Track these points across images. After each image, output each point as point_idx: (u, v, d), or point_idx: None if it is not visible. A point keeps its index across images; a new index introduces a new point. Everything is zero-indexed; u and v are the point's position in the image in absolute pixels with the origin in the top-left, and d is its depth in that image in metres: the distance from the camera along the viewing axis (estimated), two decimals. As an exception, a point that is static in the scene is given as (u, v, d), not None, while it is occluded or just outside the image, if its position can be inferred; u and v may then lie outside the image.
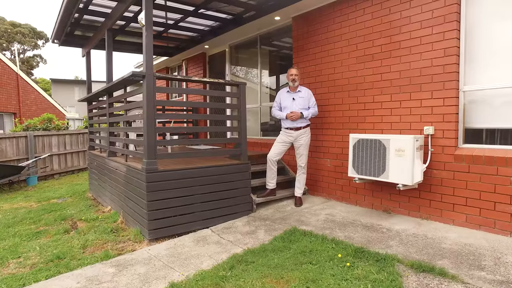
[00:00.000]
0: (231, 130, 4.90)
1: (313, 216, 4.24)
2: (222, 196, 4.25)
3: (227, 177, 4.29)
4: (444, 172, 3.64)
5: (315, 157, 5.18)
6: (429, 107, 3.72)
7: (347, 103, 4.63)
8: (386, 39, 4.11)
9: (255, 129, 6.80)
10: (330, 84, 4.87)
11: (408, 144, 3.50)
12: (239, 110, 4.43)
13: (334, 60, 4.78)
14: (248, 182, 4.51)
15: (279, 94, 4.81)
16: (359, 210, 4.42)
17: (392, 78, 4.07)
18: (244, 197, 4.46)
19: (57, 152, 9.78)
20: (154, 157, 3.75)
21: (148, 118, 3.68)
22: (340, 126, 4.75)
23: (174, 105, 4.33)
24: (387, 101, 4.14)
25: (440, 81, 3.60)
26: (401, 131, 4.00)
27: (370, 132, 4.34)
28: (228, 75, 7.54)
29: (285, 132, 4.72)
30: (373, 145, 3.83)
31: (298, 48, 5.38)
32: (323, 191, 5.08)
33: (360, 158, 3.98)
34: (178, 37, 7.17)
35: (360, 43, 4.41)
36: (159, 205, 3.75)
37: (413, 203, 3.94)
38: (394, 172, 3.63)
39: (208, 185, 4.14)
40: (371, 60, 4.29)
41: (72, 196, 6.77)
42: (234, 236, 3.68)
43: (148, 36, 3.66)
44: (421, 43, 3.75)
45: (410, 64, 3.87)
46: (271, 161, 4.69)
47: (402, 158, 3.55)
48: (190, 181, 3.99)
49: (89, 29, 6.15)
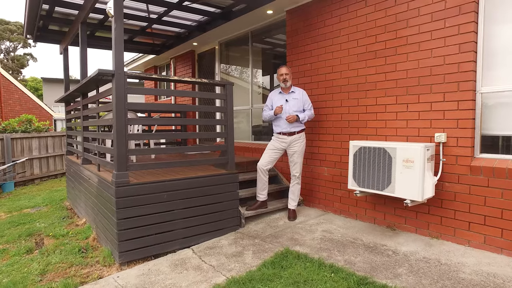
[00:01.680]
0: (217, 136, 4.40)
1: (308, 233, 3.76)
2: (206, 210, 3.76)
3: (211, 189, 3.80)
4: (458, 185, 3.18)
5: (310, 165, 4.70)
6: (441, 111, 3.26)
7: (347, 105, 4.16)
8: (391, 33, 3.64)
9: (246, 133, 6.32)
10: (327, 84, 4.39)
11: (418, 154, 3.03)
12: (226, 114, 3.94)
13: (332, 57, 4.31)
14: (236, 194, 4.02)
15: (271, 95, 4.33)
16: (359, 225, 3.95)
17: (397, 77, 3.60)
18: (231, 211, 3.97)
19: (37, 155, 9.21)
20: (125, 168, 3.25)
21: (118, 123, 3.18)
22: (338, 131, 4.28)
23: (154, 108, 3.86)
24: (392, 104, 3.67)
25: (454, 81, 3.14)
26: (408, 138, 3.53)
27: (372, 139, 3.88)
28: (218, 74, 7.05)
29: (277, 138, 4.24)
30: (376, 154, 3.36)
31: (292, 45, 4.90)
32: (320, 202, 4.61)
33: (362, 168, 3.51)
34: (164, 33, 6.66)
35: (361, 38, 3.94)
36: (132, 223, 3.26)
37: (422, 219, 3.48)
38: (401, 185, 3.16)
39: (190, 198, 3.65)
40: (374, 57, 3.82)
41: (48, 205, 6.24)
42: (217, 259, 3.19)
43: (118, 29, 3.16)
44: (432, 38, 3.29)
45: (418, 62, 3.41)
46: (262, 170, 4.21)
47: (410, 170, 3.08)
48: (169, 195, 3.50)
49: (65, 23, 5.62)
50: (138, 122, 3.81)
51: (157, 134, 3.33)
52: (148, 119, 3.90)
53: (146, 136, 3.71)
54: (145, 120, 3.96)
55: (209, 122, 3.78)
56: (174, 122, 3.63)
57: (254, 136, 6.12)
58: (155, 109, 3.48)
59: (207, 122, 4.06)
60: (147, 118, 3.89)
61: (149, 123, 4.43)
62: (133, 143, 4.65)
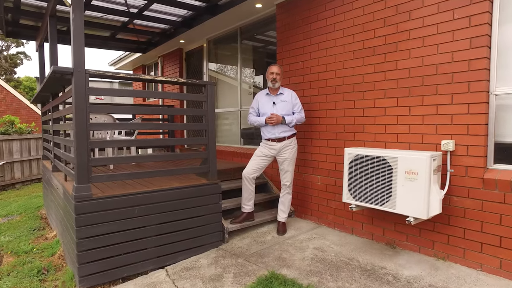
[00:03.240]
0: (195, 142, 3.99)
1: (298, 251, 3.35)
2: (184, 225, 3.35)
3: (190, 202, 3.39)
4: (468, 200, 2.78)
5: (302, 173, 4.29)
6: (448, 115, 2.86)
7: (342, 107, 3.75)
8: (391, 27, 3.24)
9: (234, 137, 5.91)
10: (320, 84, 3.99)
11: (423, 164, 2.62)
12: (206, 117, 3.53)
13: (325, 55, 3.91)
14: (218, 206, 3.60)
15: (257, 97, 3.92)
16: (355, 241, 3.55)
17: (398, 77, 3.20)
18: (213, 225, 3.56)
19: (18, 158, 8.75)
20: (87, 180, 2.82)
21: (78, 128, 2.76)
22: (332, 136, 3.88)
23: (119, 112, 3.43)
24: (392, 107, 3.27)
25: (464, 81, 2.74)
26: (411, 145, 3.13)
27: (370, 145, 3.47)
28: (206, 73, 6.63)
29: (265, 144, 3.83)
30: (375, 164, 2.96)
31: (283, 41, 4.49)
32: (312, 214, 4.20)
33: (358, 180, 3.10)
34: (148, 29, 6.23)
35: (358, 33, 3.54)
36: (96, 243, 2.83)
37: (426, 237, 3.08)
38: (403, 200, 2.76)
39: (166, 213, 3.23)
40: (372, 54, 3.41)
41: (22, 213, 5.80)
42: (192, 284, 2.77)
43: (77, 20, 2.74)
44: (438, 32, 2.88)
45: (422, 59, 3.01)
46: (248, 178, 3.79)
47: (414, 183, 2.67)
48: (140, 209, 3.08)
49: (38, 17, 5.19)
50: (98, 128, 3.38)
51: (126, 141, 2.92)
52: (113, 125, 3.46)
53: (110, 143, 3.28)
54: (108, 126, 3.48)
55: (186, 127, 3.35)
56: (141, 127, 3.21)
57: (243, 140, 5.70)
58: (121, 112, 3.10)
59: (184, 127, 3.64)
60: (112, 124, 3.47)
61: (113, 128, 3.93)
62: (112, 150, 4.22)
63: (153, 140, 4.22)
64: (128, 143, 2.96)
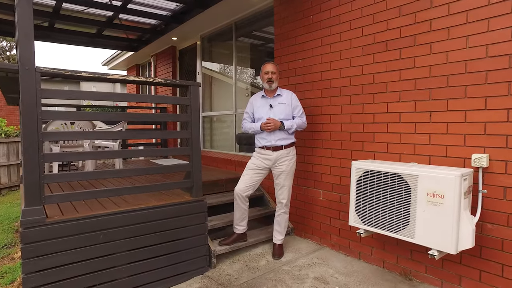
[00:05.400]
0: (175, 152, 3.49)
1: (295, 282, 2.82)
2: (161, 251, 2.85)
3: (168, 223, 2.88)
4: (506, 229, 2.24)
5: (303, 186, 3.77)
6: (480, 123, 2.32)
7: (348, 112, 3.23)
8: (408, 17, 2.71)
9: (229, 143, 5.41)
10: (324, 85, 3.47)
11: (451, 185, 2.09)
12: (190, 123, 3.02)
13: (330, 51, 3.39)
14: (203, 227, 3.09)
15: (251, 100, 3.41)
16: (364, 269, 3.02)
17: (417, 76, 2.67)
18: (197, 249, 3.05)
19: (5, 162, 8.30)
20: (38, 201, 2.33)
21: (27, 138, 2.26)
22: (337, 145, 3.35)
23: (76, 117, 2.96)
24: (408, 112, 2.74)
25: (502, 81, 2.21)
26: (431, 158, 2.60)
27: (381, 157, 2.94)
28: (200, 73, 6.13)
29: (259, 154, 3.31)
30: (389, 182, 2.43)
31: (281, 36, 3.97)
32: (314, 232, 3.68)
33: (368, 200, 2.57)
34: (136, 25, 5.75)
35: (368, 25, 3.01)
36: (48, 278, 2.34)
37: (451, 270, 2.54)
38: (423, 229, 2.23)
39: (139, 237, 2.73)
40: (384, 50, 2.89)
41: (-2, 225, 5.32)
42: (165, 331, 2.26)
43: (23, 9, 2.24)
44: (468, 21, 2.35)
45: (447, 55, 2.48)
46: (240, 197, 3.27)
47: (438, 209, 2.14)
48: (107, 234, 2.58)
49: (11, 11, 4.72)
50: (53, 137, 2.87)
51: (88, 153, 2.43)
52: (70, 134, 2.93)
53: (68, 156, 2.78)
54: (63, 135, 2.93)
55: (165, 135, 2.83)
56: (107, 136, 2.72)
57: (239, 146, 5.19)
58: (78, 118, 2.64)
59: (161, 136, 3.13)
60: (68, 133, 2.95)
61: (69, 138, 3.36)
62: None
63: (123, 152, 3.71)
64: (91, 155, 2.46)
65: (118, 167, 4.32)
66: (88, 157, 2.55)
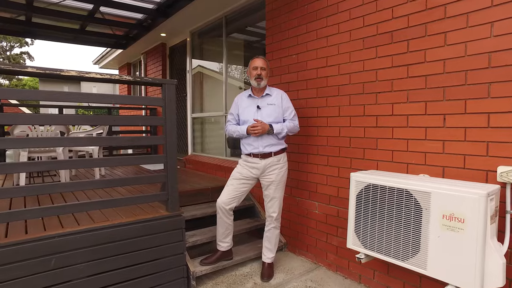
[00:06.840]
0: (153, 161, 3.10)
1: (285, 313, 2.42)
2: (130, 275, 2.45)
3: (139, 243, 2.48)
4: (539, 260, 1.82)
5: (296, 197, 3.36)
6: (508, 128, 1.91)
7: (347, 114, 2.81)
8: (417, 3, 2.30)
9: (219, 146, 5.01)
10: (319, 83, 3.06)
11: (475, 207, 1.68)
12: (164, 127, 2.61)
13: (326, 45, 2.98)
14: (180, 246, 2.69)
15: (236, 100, 3.00)
16: (365, 297, 2.61)
17: (428, 72, 2.26)
18: (173, 272, 2.65)
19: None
20: (-29, 221, 1.93)
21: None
22: (335, 151, 2.94)
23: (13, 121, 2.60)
24: (417, 114, 2.32)
25: (536, 77, 1.79)
26: (445, 170, 2.18)
27: (385, 167, 2.53)
28: (190, 72, 5.73)
29: (245, 162, 2.90)
30: (395, 199, 2.01)
31: (273, 29, 3.57)
32: (309, 250, 3.27)
33: (370, 220, 2.16)
34: (121, 20, 5.36)
35: (370, 14, 2.60)
36: (-15, 312, 1.95)
37: (468, 304, 2.12)
38: (438, 259, 1.81)
39: (101, 260, 2.34)
40: (389, 42, 2.48)
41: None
42: None
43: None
44: (493, 4, 1.94)
45: (466, 46, 2.06)
46: (223, 210, 2.86)
47: (458, 236, 1.73)
48: (60, 259, 2.19)
49: None
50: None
51: (33, 163, 2.05)
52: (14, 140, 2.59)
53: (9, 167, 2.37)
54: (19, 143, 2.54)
55: (133, 142, 2.42)
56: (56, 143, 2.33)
57: (230, 150, 4.79)
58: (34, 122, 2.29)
59: (126, 142, 2.72)
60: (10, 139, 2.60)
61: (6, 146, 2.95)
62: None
63: (77, 161, 3.29)
64: (38, 167, 2.07)
65: (64, 181, 3.82)
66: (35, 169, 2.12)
